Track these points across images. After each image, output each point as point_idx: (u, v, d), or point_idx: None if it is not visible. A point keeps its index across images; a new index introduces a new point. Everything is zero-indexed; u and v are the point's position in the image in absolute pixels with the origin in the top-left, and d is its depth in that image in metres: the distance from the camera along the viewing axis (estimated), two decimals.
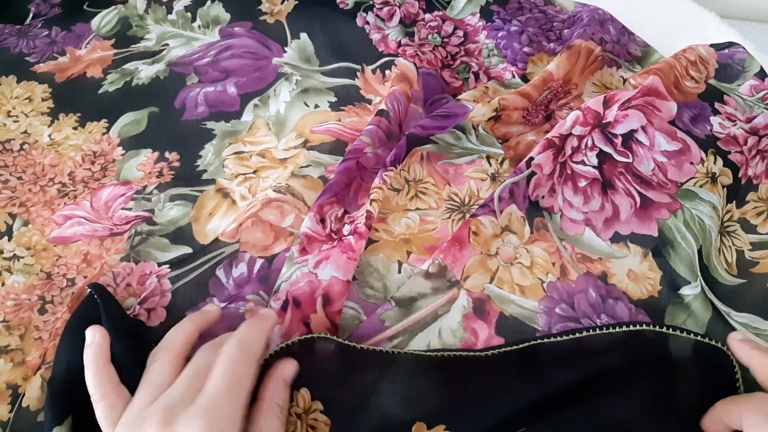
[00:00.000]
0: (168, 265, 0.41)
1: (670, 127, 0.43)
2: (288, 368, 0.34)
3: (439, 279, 0.38)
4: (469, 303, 0.38)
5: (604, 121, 0.43)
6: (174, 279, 0.41)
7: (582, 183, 0.42)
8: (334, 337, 0.35)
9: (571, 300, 0.38)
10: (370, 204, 0.41)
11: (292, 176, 0.44)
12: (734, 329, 0.38)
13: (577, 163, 0.42)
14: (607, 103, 0.43)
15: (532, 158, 0.42)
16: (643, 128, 0.43)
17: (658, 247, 0.40)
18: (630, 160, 0.42)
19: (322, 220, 0.41)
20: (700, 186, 0.42)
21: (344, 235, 0.41)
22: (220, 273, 0.41)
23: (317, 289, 0.38)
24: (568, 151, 0.43)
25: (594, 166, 0.42)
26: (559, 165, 0.42)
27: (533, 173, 0.41)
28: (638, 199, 0.41)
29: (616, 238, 0.40)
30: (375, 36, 0.54)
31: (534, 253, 0.40)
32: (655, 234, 0.40)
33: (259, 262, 0.41)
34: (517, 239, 0.40)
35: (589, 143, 0.43)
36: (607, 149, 0.42)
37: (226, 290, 0.40)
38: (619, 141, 0.42)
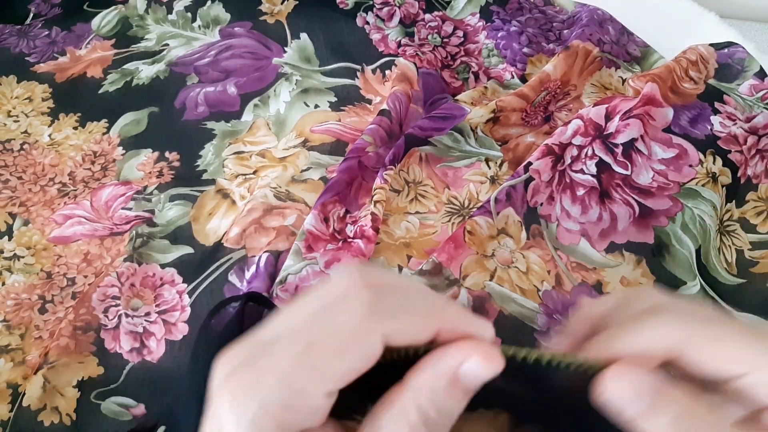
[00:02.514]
0: (173, 268, 0.42)
1: (665, 135, 0.43)
2: (473, 365, 0.19)
3: (436, 277, 0.38)
4: (469, 301, 0.38)
5: (605, 133, 0.43)
6: (191, 292, 0.41)
7: (580, 192, 0.42)
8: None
9: (565, 312, 0.38)
10: (374, 206, 0.41)
11: (293, 181, 0.44)
12: None
13: (576, 171, 0.42)
14: (608, 116, 0.43)
15: (530, 163, 0.42)
16: (642, 137, 0.43)
17: (653, 252, 0.40)
18: (628, 173, 0.42)
19: (326, 219, 0.41)
20: (702, 185, 0.42)
21: (348, 236, 0.41)
22: (233, 278, 0.41)
23: None
24: (567, 160, 0.43)
25: (593, 175, 0.42)
26: (558, 173, 0.42)
27: (531, 178, 0.41)
28: (637, 209, 0.41)
29: (612, 248, 0.41)
30: (375, 36, 0.54)
31: (530, 259, 0.40)
32: (651, 241, 0.41)
33: (264, 256, 0.41)
34: (514, 243, 0.40)
35: (590, 152, 0.43)
36: (607, 159, 0.42)
37: (240, 293, 0.40)
38: (619, 150, 0.42)
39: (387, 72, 0.52)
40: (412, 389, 0.19)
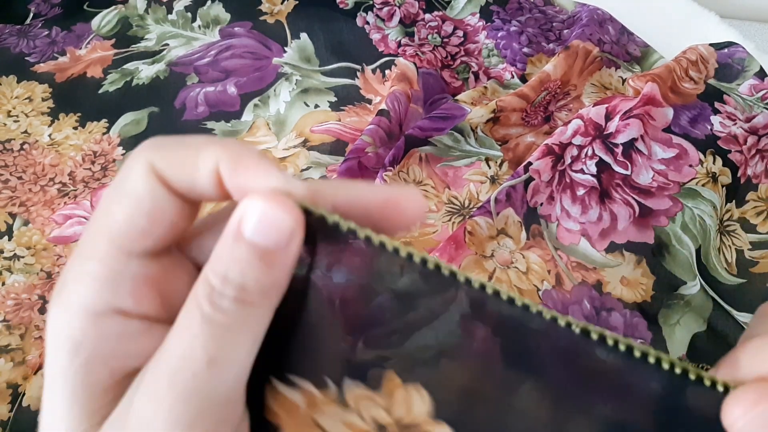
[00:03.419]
0: None
1: (665, 134, 0.43)
2: (257, 213, 0.15)
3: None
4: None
5: (605, 132, 0.43)
6: None
7: (580, 191, 0.42)
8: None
9: (565, 311, 0.38)
10: None
11: None
12: (738, 324, 0.38)
13: (576, 171, 0.42)
14: (609, 115, 0.43)
15: (530, 163, 0.42)
16: (642, 137, 0.43)
17: (653, 252, 0.40)
18: (628, 172, 0.42)
19: None
20: (702, 185, 0.42)
21: None
22: None
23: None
24: (567, 160, 0.43)
25: (593, 174, 0.42)
26: (558, 173, 0.42)
27: (531, 178, 0.41)
28: (637, 209, 0.41)
29: (612, 248, 0.41)
30: (375, 36, 0.54)
31: (530, 259, 0.40)
32: (651, 241, 0.41)
33: None
34: (513, 243, 0.40)
35: (590, 152, 0.43)
36: (607, 159, 0.42)
37: None
38: (619, 150, 0.42)
39: (387, 72, 0.52)
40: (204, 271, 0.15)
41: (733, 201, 0.44)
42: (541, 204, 0.42)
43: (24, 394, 0.38)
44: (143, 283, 0.16)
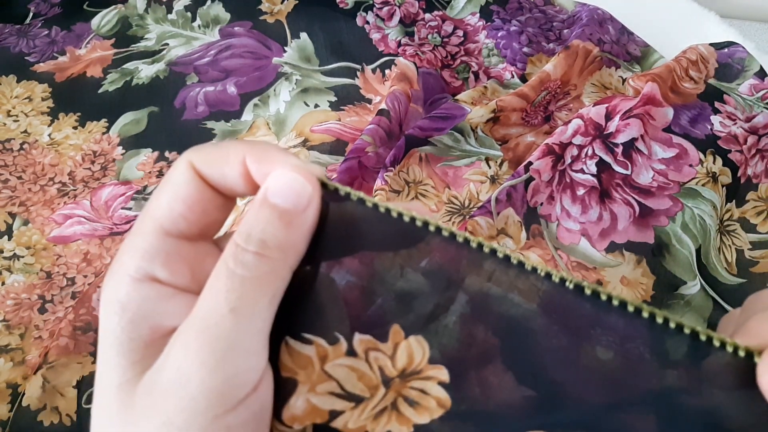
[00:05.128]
0: None
1: (665, 134, 0.43)
2: (276, 179, 0.18)
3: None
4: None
5: (605, 132, 0.43)
6: None
7: (580, 191, 0.42)
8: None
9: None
10: None
11: None
12: None
13: (576, 171, 0.42)
14: (609, 115, 0.43)
15: (530, 163, 0.42)
16: (642, 137, 0.43)
17: (654, 251, 0.40)
18: (628, 172, 0.42)
19: None
20: (703, 185, 0.42)
21: None
22: None
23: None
24: (568, 160, 0.43)
25: (593, 174, 0.42)
26: (558, 173, 0.42)
27: (531, 178, 0.41)
28: (637, 209, 0.41)
29: (612, 248, 0.41)
30: (375, 35, 0.54)
31: (530, 259, 0.40)
32: (651, 241, 0.41)
33: None
34: (513, 243, 0.40)
35: (590, 152, 0.43)
36: (607, 158, 0.42)
37: None
38: (619, 150, 0.42)
39: (387, 71, 0.52)
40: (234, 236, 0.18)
41: (733, 201, 0.44)
42: (541, 204, 0.42)
43: (24, 393, 0.37)
44: (176, 258, 0.18)
